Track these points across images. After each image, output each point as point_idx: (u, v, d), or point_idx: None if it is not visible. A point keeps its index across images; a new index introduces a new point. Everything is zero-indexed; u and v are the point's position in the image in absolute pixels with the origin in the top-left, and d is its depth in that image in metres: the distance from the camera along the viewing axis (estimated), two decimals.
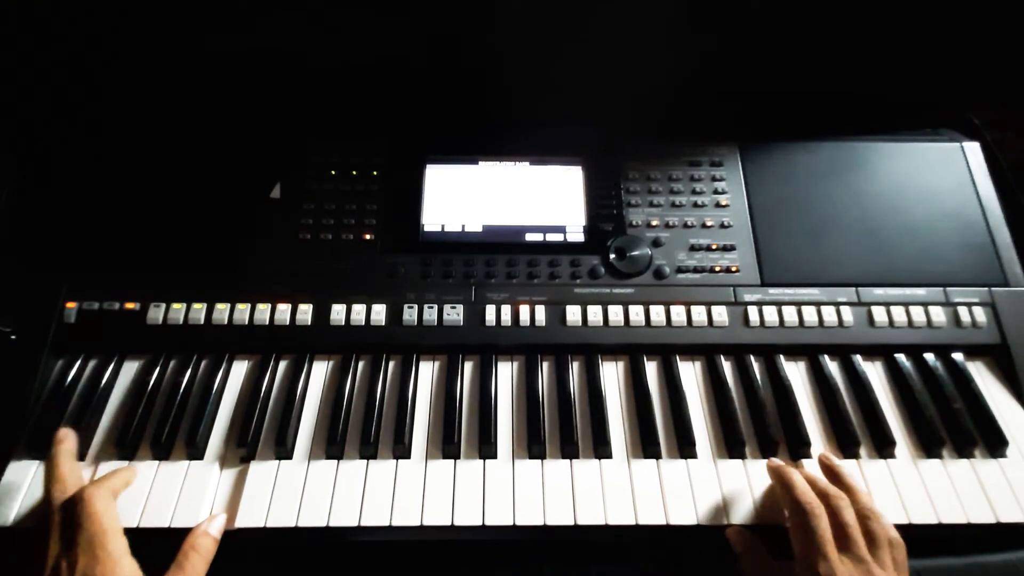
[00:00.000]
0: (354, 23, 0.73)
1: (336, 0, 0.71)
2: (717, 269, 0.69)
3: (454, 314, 0.66)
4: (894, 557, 0.49)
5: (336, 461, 0.58)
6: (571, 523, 0.54)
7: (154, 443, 0.58)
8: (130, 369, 0.64)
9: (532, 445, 0.59)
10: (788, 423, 0.61)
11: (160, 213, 0.70)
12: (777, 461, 0.58)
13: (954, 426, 0.61)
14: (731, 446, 0.60)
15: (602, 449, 0.59)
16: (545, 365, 0.65)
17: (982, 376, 0.65)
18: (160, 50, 0.76)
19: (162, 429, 0.59)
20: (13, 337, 0.62)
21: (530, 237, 0.71)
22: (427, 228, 0.71)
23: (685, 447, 0.59)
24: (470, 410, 0.62)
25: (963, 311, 0.67)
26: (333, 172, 0.74)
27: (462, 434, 0.60)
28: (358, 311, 0.65)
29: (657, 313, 0.66)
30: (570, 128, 0.78)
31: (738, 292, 0.68)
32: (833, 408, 0.62)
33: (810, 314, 0.66)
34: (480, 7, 0.73)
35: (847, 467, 0.56)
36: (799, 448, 0.60)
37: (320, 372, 0.65)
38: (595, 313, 0.66)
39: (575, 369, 0.65)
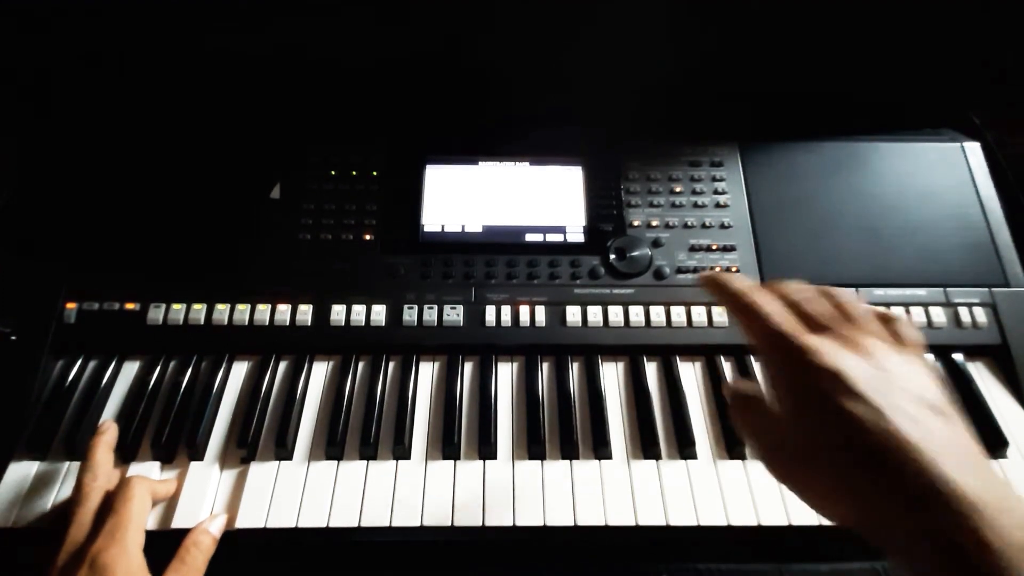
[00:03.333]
0: (355, 25, 0.73)
1: (338, 2, 0.71)
2: (717, 269, 0.69)
3: (454, 314, 0.66)
4: (895, 330, 0.39)
5: (336, 462, 0.58)
6: (571, 524, 0.54)
7: (154, 444, 0.58)
8: (130, 369, 0.64)
9: (532, 446, 0.59)
10: None
11: (160, 213, 0.70)
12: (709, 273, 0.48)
13: None
14: (731, 446, 0.59)
15: (602, 450, 0.59)
16: (545, 366, 0.65)
17: (982, 377, 0.65)
18: (160, 49, 0.76)
19: (162, 430, 0.59)
20: (13, 337, 0.62)
21: (530, 237, 0.71)
22: (427, 228, 0.71)
23: (685, 448, 0.59)
24: (470, 411, 0.62)
25: (963, 311, 0.67)
26: (333, 172, 0.74)
27: (462, 435, 0.60)
28: (358, 311, 0.65)
29: (657, 313, 0.66)
30: (570, 128, 0.78)
31: None
32: None
33: None
34: (480, 7, 0.73)
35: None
36: None
37: (320, 373, 0.65)
38: (595, 313, 0.66)
39: (575, 370, 0.65)
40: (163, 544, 0.50)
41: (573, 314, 0.66)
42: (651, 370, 0.65)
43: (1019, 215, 0.73)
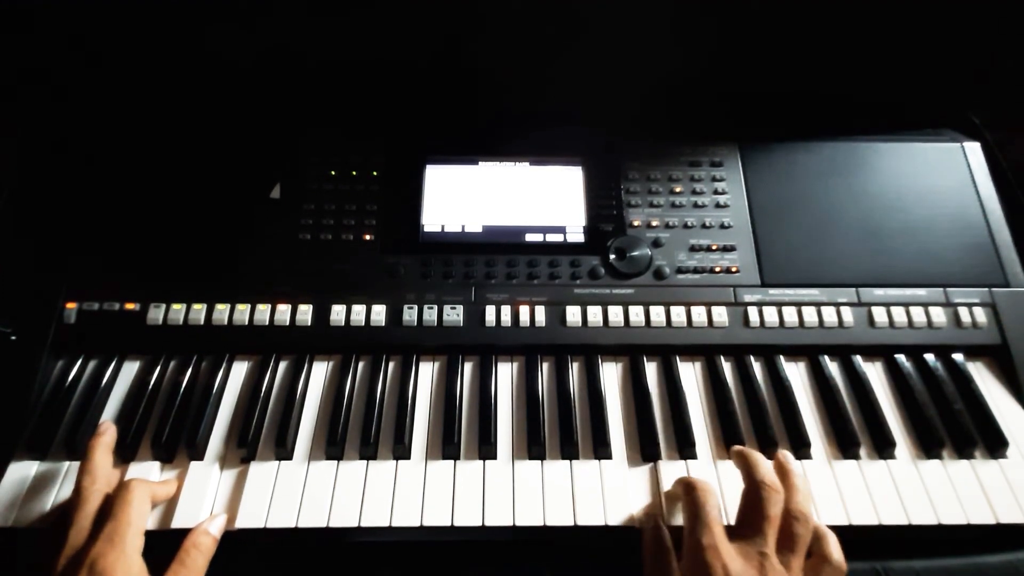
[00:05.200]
0: (355, 24, 0.73)
1: (339, 3, 0.71)
2: (717, 269, 0.69)
3: (454, 314, 0.66)
4: (816, 571, 0.48)
5: (336, 462, 0.58)
6: (571, 524, 0.54)
7: (154, 444, 0.58)
8: (130, 369, 0.64)
9: (532, 446, 0.59)
10: (788, 423, 0.61)
11: (160, 214, 0.70)
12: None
13: (954, 427, 0.61)
14: (730, 447, 0.59)
15: (602, 450, 0.59)
16: (545, 366, 0.65)
17: (982, 377, 0.65)
18: (160, 49, 0.76)
19: (162, 430, 0.59)
20: (13, 337, 0.62)
21: (530, 237, 0.71)
22: (427, 228, 0.71)
23: (685, 448, 0.59)
24: (470, 411, 0.62)
25: (963, 311, 0.67)
26: (333, 172, 0.74)
27: (462, 435, 0.60)
28: (358, 311, 0.65)
29: (657, 313, 0.66)
30: (570, 128, 0.78)
31: (738, 292, 0.68)
32: (833, 408, 0.62)
33: (810, 315, 0.66)
34: (480, 7, 0.73)
35: (796, 467, 0.54)
36: (799, 448, 0.59)
37: (320, 372, 0.65)
38: (595, 313, 0.66)
39: (575, 370, 0.65)
40: (163, 544, 0.50)
41: (573, 314, 0.66)
42: (651, 370, 0.65)
43: (1019, 215, 0.73)
